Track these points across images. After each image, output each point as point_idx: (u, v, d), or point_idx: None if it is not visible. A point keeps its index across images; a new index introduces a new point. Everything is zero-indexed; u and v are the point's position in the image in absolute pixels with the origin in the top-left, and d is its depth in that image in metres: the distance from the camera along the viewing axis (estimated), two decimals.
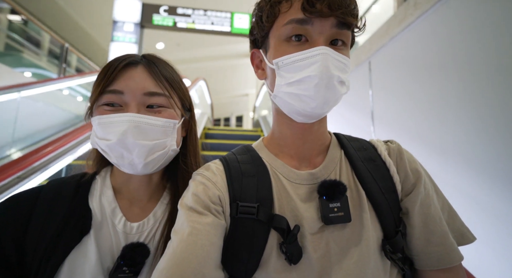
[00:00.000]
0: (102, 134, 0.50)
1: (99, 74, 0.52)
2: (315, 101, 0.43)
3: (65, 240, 0.47)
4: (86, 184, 0.55)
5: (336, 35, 0.44)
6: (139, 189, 0.57)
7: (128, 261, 0.48)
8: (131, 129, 0.48)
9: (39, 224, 0.47)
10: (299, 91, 0.43)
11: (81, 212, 0.50)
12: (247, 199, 0.44)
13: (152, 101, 0.51)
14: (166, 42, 8.07)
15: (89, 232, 0.49)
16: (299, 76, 0.43)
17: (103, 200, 0.54)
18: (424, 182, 0.48)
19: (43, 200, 0.50)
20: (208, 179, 0.47)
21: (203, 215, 0.42)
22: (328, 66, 0.42)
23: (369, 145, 0.53)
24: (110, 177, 0.57)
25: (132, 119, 0.49)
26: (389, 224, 0.45)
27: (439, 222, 0.45)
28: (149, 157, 0.50)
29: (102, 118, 0.49)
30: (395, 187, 0.47)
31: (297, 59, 0.43)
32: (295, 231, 0.41)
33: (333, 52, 0.43)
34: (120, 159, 0.50)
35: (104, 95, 0.50)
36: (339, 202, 0.44)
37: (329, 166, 0.49)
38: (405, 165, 0.49)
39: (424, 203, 0.46)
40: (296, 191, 0.47)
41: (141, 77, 0.51)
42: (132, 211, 0.55)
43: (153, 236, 0.53)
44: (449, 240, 0.45)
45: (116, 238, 0.51)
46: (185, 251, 0.38)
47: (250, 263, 0.42)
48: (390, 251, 0.43)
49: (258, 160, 0.50)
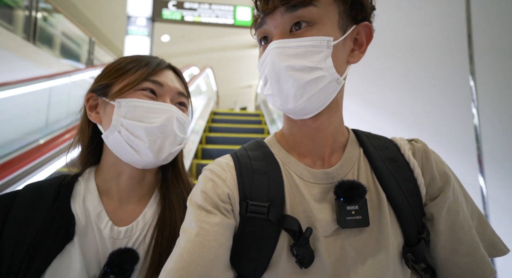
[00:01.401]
0: (138, 117, 0.51)
1: (133, 62, 0.55)
2: (280, 98, 0.43)
3: (46, 248, 0.45)
4: (67, 186, 0.53)
5: (292, 19, 0.42)
6: (129, 187, 0.56)
7: (115, 269, 0.47)
8: (173, 118, 0.53)
9: (14, 231, 0.46)
10: (267, 91, 0.45)
11: (63, 217, 0.49)
12: (258, 197, 0.44)
13: (180, 99, 0.58)
14: (171, 34, 8.40)
15: (73, 239, 0.47)
16: (263, 76, 0.45)
17: (87, 203, 0.52)
18: (453, 186, 0.45)
19: (19, 205, 0.48)
20: (218, 176, 0.46)
21: (212, 214, 0.42)
22: (274, 62, 0.41)
23: (391, 143, 0.51)
24: (95, 178, 0.56)
25: (174, 110, 0.54)
26: (411, 230, 0.43)
27: (468, 230, 0.43)
28: (174, 148, 0.55)
29: (144, 102, 0.52)
30: (418, 190, 0.45)
31: (260, 62, 0.45)
32: (307, 233, 0.40)
33: (283, 42, 0.41)
34: (152, 143, 0.51)
35: (146, 82, 0.53)
36: (357, 204, 0.42)
37: (346, 165, 0.47)
38: (431, 167, 0.46)
39: (452, 209, 0.44)
40: (309, 191, 0.45)
41: (174, 80, 0.59)
42: (119, 214, 0.54)
43: (142, 239, 0.52)
44: (479, 251, 0.42)
45: (102, 244, 0.49)
46: (192, 252, 0.38)
47: (259, 264, 0.41)
48: (412, 260, 0.42)
49: (270, 157, 0.49)
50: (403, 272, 0.42)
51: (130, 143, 0.51)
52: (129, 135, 0.50)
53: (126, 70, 0.53)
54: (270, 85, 0.43)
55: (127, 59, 0.56)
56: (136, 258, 0.48)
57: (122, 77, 0.53)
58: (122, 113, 0.51)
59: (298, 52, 0.41)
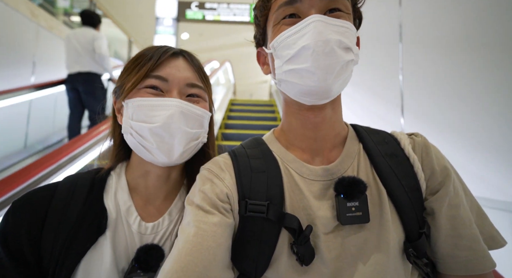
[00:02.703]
0: (142, 117, 0.49)
1: (139, 58, 0.53)
2: (315, 73, 0.41)
3: (80, 240, 0.47)
4: (100, 180, 0.55)
5: (330, 4, 0.43)
6: (157, 185, 0.56)
7: (142, 264, 0.48)
8: (177, 114, 0.49)
9: (54, 223, 0.48)
10: (297, 66, 0.42)
11: (96, 211, 0.50)
12: (257, 196, 0.43)
13: (192, 91, 0.54)
14: (190, 32, 8.95)
15: (105, 232, 0.49)
16: (294, 50, 0.42)
17: (119, 197, 0.53)
18: (453, 180, 0.45)
19: (58, 198, 0.50)
20: (216, 175, 0.46)
21: (210, 214, 0.42)
22: (322, 32, 0.40)
23: (391, 138, 0.50)
24: (125, 173, 0.57)
25: (179, 104, 0.50)
26: (412, 225, 0.43)
27: (469, 224, 0.43)
28: (187, 145, 0.52)
29: (145, 101, 0.49)
30: (418, 185, 0.45)
31: (290, 34, 0.43)
32: (307, 231, 0.40)
33: (327, 18, 0.41)
34: (160, 144, 0.49)
35: (148, 79, 0.51)
36: (357, 201, 0.42)
37: (345, 161, 0.47)
38: (431, 161, 0.46)
39: (453, 204, 0.44)
40: (309, 188, 0.45)
41: (184, 68, 0.54)
42: (147, 210, 0.55)
43: (168, 236, 0.53)
44: (480, 245, 0.42)
45: (131, 238, 0.51)
46: (190, 253, 0.38)
47: (259, 262, 0.42)
48: (414, 255, 0.42)
49: (268, 154, 0.49)
50: (404, 267, 0.42)
51: (142, 144, 0.51)
52: (139, 138, 0.50)
53: (132, 69, 0.53)
54: (308, 58, 0.41)
55: (136, 56, 0.55)
56: (161, 255, 0.49)
57: (130, 76, 0.53)
58: (130, 114, 0.51)
59: (340, 31, 0.42)
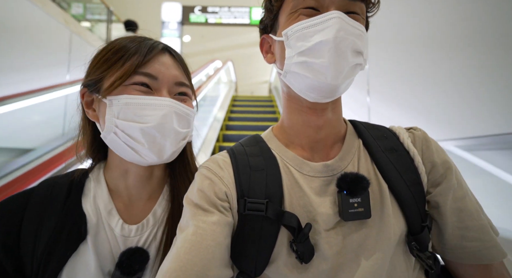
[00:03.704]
0: (131, 116, 0.47)
1: (120, 51, 0.49)
2: (328, 70, 0.41)
3: (61, 248, 0.46)
4: (78, 184, 0.52)
5: (349, 7, 0.42)
6: (138, 185, 0.54)
7: (125, 270, 0.47)
8: (171, 114, 0.48)
9: (31, 231, 0.46)
10: (311, 59, 0.41)
11: (75, 217, 0.48)
12: (256, 194, 0.44)
13: (180, 90, 0.52)
14: (192, 34, 9.09)
15: (86, 238, 0.48)
16: (311, 43, 0.41)
17: (98, 201, 0.51)
18: (455, 172, 0.46)
19: (33, 205, 0.48)
20: (214, 174, 0.46)
21: (209, 212, 0.42)
22: (342, 29, 0.40)
23: (390, 133, 0.50)
24: (104, 174, 0.55)
25: (172, 104, 0.48)
26: (414, 219, 0.43)
27: (476, 216, 0.44)
28: (177, 145, 0.50)
29: (135, 98, 0.47)
30: (419, 179, 0.45)
31: (308, 25, 0.42)
32: (306, 229, 0.40)
33: (347, 17, 0.41)
34: (152, 144, 0.47)
35: (136, 76, 0.48)
36: (360, 197, 0.42)
37: (346, 157, 0.47)
38: (431, 155, 0.47)
39: (457, 196, 0.44)
40: (309, 184, 0.45)
41: (172, 66, 0.51)
42: (130, 212, 0.53)
43: (154, 237, 0.52)
44: (488, 235, 0.43)
45: (114, 242, 0.49)
46: (189, 252, 0.38)
47: (259, 260, 0.42)
48: (417, 248, 0.42)
49: (267, 152, 0.49)
50: (406, 261, 0.43)
51: (129, 144, 0.48)
52: (126, 137, 0.47)
53: (114, 62, 0.49)
54: (325, 53, 0.40)
55: (115, 46, 0.50)
56: (146, 258, 0.49)
57: (111, 70, 0.49)
58: (115, 112, 0.47)
59: (356, 33, 0.42)
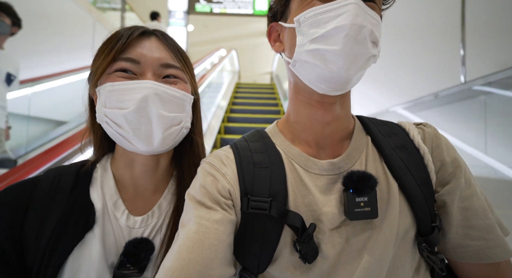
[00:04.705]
0: (115, 103, 0.46)
1: (108, 41, 0.50)
2: (342, 59, 0.39)
3: (67, 237, 0.46)
4: (86, 174, 0.53)
5: None
6: (144, 176, 0.54)
7: (131, 258, 0.47)
8: (151, 96, 0.46)
9: (36, 219, 0.46)
10: (324, 46, 0.39)
11: (83, 206, 0.49)
12: (259, 193, 0.43)
13: (168, 72, 0.50)
14: (195, 24, 9.07)
15: (92, 227, 0.48)
16: (325, 30, 0.39)
17: (105, 191, 0.52)
18: (464, 171, 0.45)
19: (39, 193, 0.48)
20: (217, 170, 0.45)
21: (212, 210, 0.41)
22: (359, 16, 0.38)
23: (399, 129, 0.49)
24: (111, 165, 0.55)
25: (152, 86, 0.46)
26: (424, 219, 0.42)
27: (482, 215, 0.43)
28: (167, 131, 0.49)
29: (115, 85, 0.46)
30: (429, 178, 0.44)
31: (323, 11, 0.40)
32: (310, 230, 0.40)
33: (364, 5, 0.39)
34: (137, 131, 0.46)
35: (118, 63, 0.48)
36: (366, 196, 0.41)
37: (353, 155, 0.46)
38: (441, 153, 0.45)
39: (464, 195, 0.44)
40: (314, 182, 0.44)
41: (157, 48, 0.50)
42: (135, 203, 0.53)
43: (158, 229, 0.52)
44: (493, 234, 0.42)
45: (119, 233, 0.50)
46: (192, 251, 0.38)
47: (262, 258, 0.42)
48: (428, 250, 0.42)
49: (272, 149, 0.48)
50: (411, 262, 0.42)
51: (119, 133, 0.48)
52: (115, 126, 0.47)
53: (102, 51, 0.49)
54: (340, 40, 0.38)
55: (107, 38, 0.51)
56: (151, 248, 0.49)
57: (99, 61, 0.49)
58: (102, 102, 0.48)
59: (373, 22, 0.40)
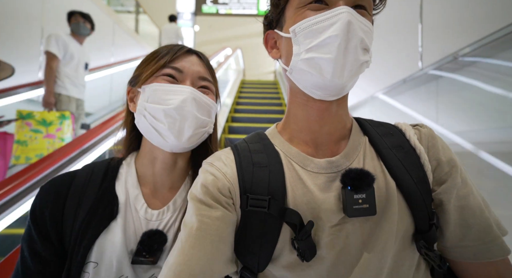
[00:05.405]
0: (157, 100, 0.55)
1: (156, 52, 0.61)
2: (335, 67, 0.40)
3: (95, 224, 0.53)
4: (113, 169, 0.60)
5: (357, 1, 0.42)
6: (163, 173, 0.60)
7: (145, 247, 0.52)
8: (190, 99, 0.55)
9: (73, 207, 0.54)
10: (318, 55, 0.41)
11: (109, 198, 0.56)
12: (258, 191, 0.44)
13: (203, 83, 0.60)
14: (200, 25, 9.45)
15: (116, 217, 0.54)
16: (319, 39, 0.41)
17: (128, 186, 0.59)
18: (460, 170, 0.46)
19: (76, 184, 0.57)
20: (218, 169, 0.47)
21: (213, 208, 0.43)
22: (352, 24, 0.39)
23: (396, 130, 0.50)
24: (135, 163, 0.62)
25: (191, 91, 0.56)
26: (422, 217, 0.43)
27: (479, 214, 0.43)
28: (196, 130, 0.56)
29: (162, 86, 0.55)
30: (426, 177, 0.45)
31: (317, 21, 0.41)
32: (307, 227, 0.40)
33: (356, 13, 0.41)
34: (172, 125, 0.54)
35: (165, 69, 0.57)
36: (364, 193, 0.42)
37: (351, 154, 0.47)
38: (437, 152, 0.46)
39: (461, 194, 0.44)
40: (313, 181, 0.45)
41: (197, 64, 0.60)
42: (153, 199, 0.59)
43: (172, 223, 0.57)
44: (490, 234, 0.42)
45: (138, 223, 0.56)
46: (194, 247, 0.39)
47: (262, 256, 0.42)
48: (425, 247, 0.42)
49: (270, 149, 0.49)
50: (410, 259, 0.43)
51: (154, 126, 0.55)
52: (152, 119, 0.55)
53: (150, 61, 0.59)
54: (334, 49, 0.40)
55: (154, 51, 0.62)
56: (164, 240, 0.54)
57: (148, 66, 0.59)
58: (146, 97, 0.56)
59: (365, 30, 0.41)
